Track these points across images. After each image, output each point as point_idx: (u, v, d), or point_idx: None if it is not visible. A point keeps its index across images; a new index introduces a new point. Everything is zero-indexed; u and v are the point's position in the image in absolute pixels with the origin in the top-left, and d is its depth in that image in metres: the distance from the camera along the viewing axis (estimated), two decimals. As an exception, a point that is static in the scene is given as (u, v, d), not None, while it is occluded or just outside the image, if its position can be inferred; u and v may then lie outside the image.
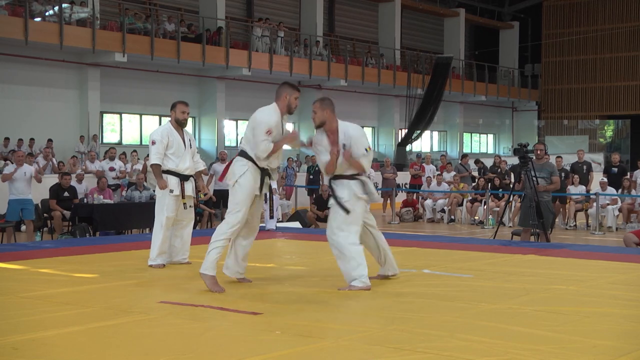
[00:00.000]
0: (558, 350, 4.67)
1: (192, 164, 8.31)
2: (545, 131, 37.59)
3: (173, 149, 8.15)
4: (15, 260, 8.53)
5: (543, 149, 11.73)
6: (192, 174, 8.38)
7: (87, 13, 20.91)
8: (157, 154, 8.13)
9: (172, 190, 8.13)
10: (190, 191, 8.32)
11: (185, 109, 8.25)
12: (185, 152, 8.22)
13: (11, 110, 20.52)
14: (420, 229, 17.03)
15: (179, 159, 8.16)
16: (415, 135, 29.32)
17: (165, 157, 8.15)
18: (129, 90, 22.64)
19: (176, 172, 8.17)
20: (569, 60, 38.17)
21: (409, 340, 4.87)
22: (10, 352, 4.58)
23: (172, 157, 8.16)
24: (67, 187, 14.47)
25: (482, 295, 6.51)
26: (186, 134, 8.33)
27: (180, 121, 8.21)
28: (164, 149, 8.14)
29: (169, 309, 5.88)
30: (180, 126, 8.24)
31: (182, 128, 8.27)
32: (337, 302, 6.20)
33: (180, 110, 8.22)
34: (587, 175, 18.28)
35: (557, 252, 9.74)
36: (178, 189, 8.13)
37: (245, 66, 24.40)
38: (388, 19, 32.73)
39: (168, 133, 8.18)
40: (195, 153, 8.45)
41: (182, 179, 8.21)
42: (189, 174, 8.30)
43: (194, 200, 8.51)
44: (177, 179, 8.16)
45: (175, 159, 8.16)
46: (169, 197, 8.14)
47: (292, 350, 4.67)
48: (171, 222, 8.21)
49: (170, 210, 8.13)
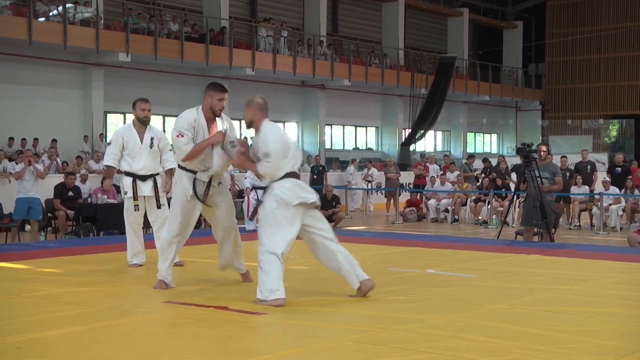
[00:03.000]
0: (562, 350, 4.67)
1: (151, 163, 8.02)
2: (549, 131, 37.52)
3: (128, 149, 8.04)
4: (19, 260, 8.55)
5: (546, 149, 11.69)
6: (152, 173, 8.07)
7: (91, 13, 20.92)
8: (110, 154, 8.12)
9: (126, 192, 8.06)
10: (148, 191, 8.04)
11: (144, 106, 8.10)
12: (142, 152, 8.00)
13: (15, 110, 20.54)
14: (424, 229, 17.02)
15: (132, 159, 8.01)
16: (419, 135, 29.29)
17: (122, 157, 8.08)
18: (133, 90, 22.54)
19: (130, 173, 8.04)
20: (572, 60, 38.10)
21: (413, 340, 4.87)
22: (14, 351, 4.59)
23: (126, 158, 8.06)
24: (71, 186, 14.49)
25: (485, 295, 6.50)
26: (150, 132, 8.09)
27: (140, 119, 8.08)
28: (120, 149, 8.05)
29: (172, 309, 5.89)
30: (142, 124, 8.09)
31: (144, 126, 8.10)
32: (340, 302, 6.20)
33: (139, 108, 8.10)
34: (591, 175, 18.25)
35: (561, 252, 9.73)
36: (130, 190, 8.01)
37: (248, 66, 24.40)
38: (392, 18, 32.70)
39: (124, 133, 8.09)
40: (165, 151, 8.18)
41: (136, 180, 8.02)
42: (145, 174, 8.04)
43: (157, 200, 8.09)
44: (130, 179, 8.03)
45: (130, 159, 8.04)
46: (125, 198, 8.10)
47: (295, 350, 4.67)
48: (135, 223, 8.11)
49: (129, 211, 8.07)
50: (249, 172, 13.91)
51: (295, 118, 28.89)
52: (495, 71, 35.72)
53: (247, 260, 7.16)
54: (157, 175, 8.12)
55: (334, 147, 30.44)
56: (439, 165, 22.95)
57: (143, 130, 8.08)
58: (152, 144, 8.01)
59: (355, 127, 31.85)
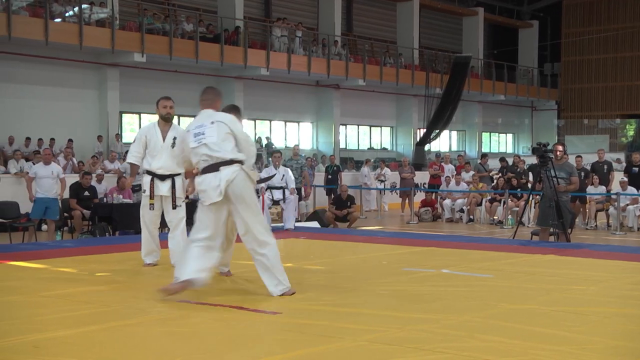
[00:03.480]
0: (578, 351, 4.64)
1: (171, 163, 7.87)
2: (565, 131, 37.34)
3: (149, 147, 8.02)
4: (36, 260, 8.60)
5: (562, 149, 11.62)
6: (171, 173, 7.96)
7: (107, 14, 21.03)
8: (133, 152, 8.12)
9: (145, 189, 8.06)
10: (165, 191, 7.97)
11: (166, 103, 8.04)
12: (162, 151, 7.93)
13: (31, 110, 20.68)
14: (439, 229, 16.98)
15: (152, 158, 7.99)
16: (434, 134, 29.23)
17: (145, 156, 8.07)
18: (148, 90, 22.68)
19: (149, 172, 8.02)
20: (589, 59, 37.88)
21: (428, 340, 4.86)
22: (31, 350, 4.61)
23: (147, 156, 8.05)
24: (87, 186, 14.57)
25: (501, 296, 6.48)
26: (174, 131, 7.98)
27: (163, 116, 8.05)
28: (143, 147, 8.03)
29: (188, 308, 5.90)
30: (165, 122, 8.05)
31: (168, 124, 8.05)
32: (355, 302, 6.19)
33: (161, 106, 8.06)
34: (608, 175, 18.14)
35: (577, 252, 9.68)
36: (148, 188, 7.99)
37: (263, 66, 24.44)
38: (406, 18, 32.65)
39: (147, 131, 8.08)
40: None
41: (155, 179, 7.99)
42: (164, 173, 7.97)
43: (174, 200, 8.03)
44: (149, 178, 8.01)
45: (150, 158, 8.02)
46: (143, 196, 8.11)
47: (311, 350, 4.67)
48: (150, 222, 8.11)
49: (145, 209, 8.08)
50: (263, 172, 13.93)
51: (310, 118, 28.90)
52: (510, 71, 35.58)
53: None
54: (177, 176, 7.98)
55: (348, 147, 30.43)
56: (454, 165, 22.88)
57: (167, 130, 8.00)
58: (174, 143, 7.80)
59: (370, 127, 31.83)
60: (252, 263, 6.38)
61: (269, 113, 27.48)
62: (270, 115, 27.59)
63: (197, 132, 6.25)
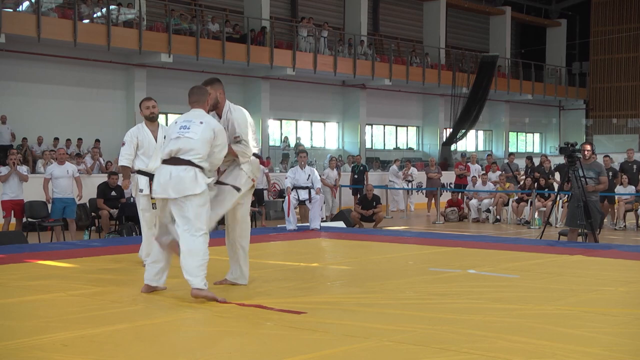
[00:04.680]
0: (607, 352, 4.60)
1: None
2: (594, 130, 36.97)
3: (143, 148, 8.09)
4: (65, 259, 8.69)
5: (590, 149, 11.51)
6: None
7: (134, 14, 21.19)
8: (125, 155, 8.17)
9: (142, 189, 8.09)
10: None
11: (148, 104, 8.16)
12: (157, 151, 7.80)
13: (60, 110, 20.89)
14: (465, 229, 16.90)
15: (148, 159, 8.00)
16: (460, 134, 29.09)
17: (136, 157, 8.12)
18: (175, 91, 22.82)
19: (146, 172, 8.04)
20: (618, 58, 37.47)
21: (454, 341, 4.84)
22: (60, 348, 4.66)
23: (142, 157, 8.10)
24: (114, 186, 14.67)
25: (528, 296, 6.43)
26: (162, 130, 8.07)
27: (148, 117, 8.14)
28: (134, 149, 8.10)
29: (214, 307, 5.93)
30: (151, 122, 8.14)
31: (154, 124, 8.14)
32: (381, 302, 6.18)
33: (144, 107, 8.18)
34: (638, 175, 17.93)
35: (605, 252, 9.58)
36: (147, 188, 8.00)
37: (289, 66, 24.48)
38: (433, 17, 32.55)
39: (137, 133, 8.14)
40: None
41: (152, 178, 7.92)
42: None
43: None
44: (146, 178, 8.04)
45: (145, 158, 8.06)
46: (140, 196, 8.12)
47: (336, 350, 4.67)
48: (151, 221, 8.03)
49: (146, 209, 8.09)
50: (289, 172, 13.94)
51: (336, 118, 28.89)
52: (538, 70, 35.31)
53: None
54: None
55: (374, 147, 30.38)
56: (481, 165, 22.75)
57: (155, 129, 8.16)
58: None
59: (396, 126, 31.76)
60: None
61: (295, 113, 27.52)
62: (296, 115, 27.63)
63: (183, 125, 6.31)
